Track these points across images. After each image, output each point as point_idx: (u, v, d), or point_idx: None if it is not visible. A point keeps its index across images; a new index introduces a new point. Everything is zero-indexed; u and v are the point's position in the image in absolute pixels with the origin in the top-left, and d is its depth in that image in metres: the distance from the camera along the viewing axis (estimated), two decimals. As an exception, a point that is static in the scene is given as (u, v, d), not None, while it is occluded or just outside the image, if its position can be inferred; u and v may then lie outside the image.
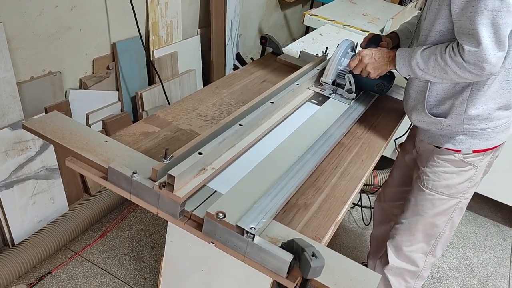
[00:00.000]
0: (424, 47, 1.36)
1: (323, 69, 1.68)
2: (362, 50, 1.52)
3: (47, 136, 1.14)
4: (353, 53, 1.68)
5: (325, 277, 0.91)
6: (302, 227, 1.07)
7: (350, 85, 1.58)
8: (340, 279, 0.92)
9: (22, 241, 1.98)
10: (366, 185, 2.87)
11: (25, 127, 1.16)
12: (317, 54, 1.92)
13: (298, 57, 2.01)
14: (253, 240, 0.92)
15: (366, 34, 1.84)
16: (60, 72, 2.14)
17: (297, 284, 0.93)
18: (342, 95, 1.61)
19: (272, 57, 2.00)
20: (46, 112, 2.08)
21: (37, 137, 1.94)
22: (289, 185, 1.12)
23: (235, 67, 3.35)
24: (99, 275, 2.07)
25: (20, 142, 1.95)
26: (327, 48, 1.90)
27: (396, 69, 1.45)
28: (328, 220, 1.10)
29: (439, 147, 1.51)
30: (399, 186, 1.90)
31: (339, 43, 1.69)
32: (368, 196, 2.89)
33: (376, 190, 2.87)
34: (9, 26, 1.83)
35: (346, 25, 2.92)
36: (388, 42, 1.69)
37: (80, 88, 2.30)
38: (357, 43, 1.75)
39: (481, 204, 3.07)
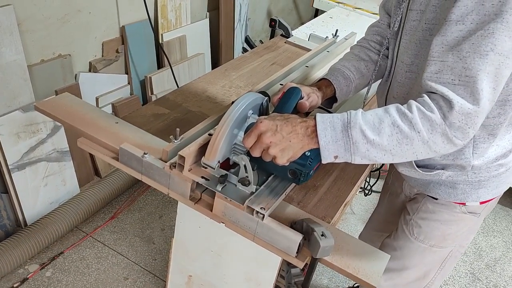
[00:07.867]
0: (360, 110, 0.90)
1: (206, 143, 0.98)
2: (262, 120, 0.91)
3: (58, 117, 1.15)
4: (254, 120, 0.98)
5: (334, 257, 0.92)
6: (312, 207, 1.08)
7: (246, 171, 0.95)
8: (349, 259, 0.93)
9: (35, 222, 2.01)
10: (374, 171, 2.86)
11: (37, 108, 1.17)
12: (327, 37, 1.91)
13: (307, 39, 2.00)
14: (263, 220, 0.93)
15: (377, 17, 1.51)
16: (70, 55, 2.14)
17: (306, 263, 0.94)
18: (236, 185, 0.98)
19: (281, 40, 1.99)
20: (56, 95, 2.10)
21: (48, 120, 1.98)
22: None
23: (244, 50, 3.34)
24: (110, 256, 2.10)
25: (32, 125, 1.97)
26: (337, 30, 1.88)
27: (319, 148, 0.90)
28: (337, 201, 1.11)
29: (436, 198, 1.22)
30: (380, 231, 1.64)
31: (348, 26, 1.50)
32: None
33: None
34: (19, 8, 1.83)
35: (356, 8, 2.88)
36: (314, 99, 1.13)
37: (89, 71, 2.30)
38: (268, 99, 1.07)
39: (491, 189, 3.05)
